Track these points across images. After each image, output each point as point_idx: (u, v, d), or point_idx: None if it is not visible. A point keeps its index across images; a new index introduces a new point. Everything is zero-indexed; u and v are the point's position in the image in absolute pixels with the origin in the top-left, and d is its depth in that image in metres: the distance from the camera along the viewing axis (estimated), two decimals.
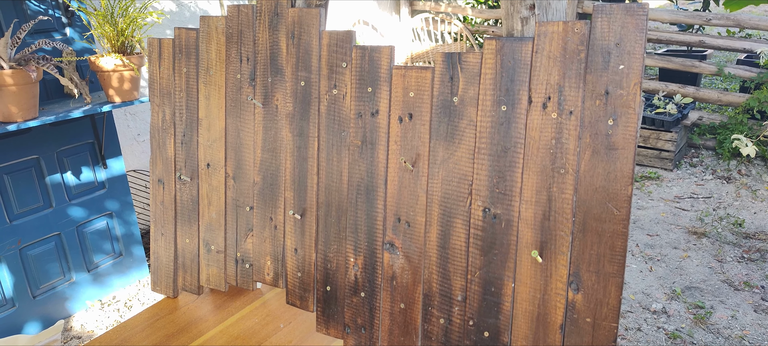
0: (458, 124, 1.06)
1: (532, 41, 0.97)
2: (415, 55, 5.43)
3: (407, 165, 1.12)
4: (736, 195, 3.61)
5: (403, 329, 1.19)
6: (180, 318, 1.57)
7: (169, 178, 1.58)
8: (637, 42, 0.89)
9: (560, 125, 0.96)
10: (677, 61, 4.39)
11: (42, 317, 2.46)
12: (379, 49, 1.14)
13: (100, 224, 2.67)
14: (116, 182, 2.71)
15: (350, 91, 1.20)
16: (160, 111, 1.57)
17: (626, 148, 0.91)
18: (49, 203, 2.46)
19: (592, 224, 0.95)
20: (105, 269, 2.73)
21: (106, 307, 2.67)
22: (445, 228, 1.10)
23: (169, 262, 1.62)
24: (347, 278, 1.26)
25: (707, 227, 3.24)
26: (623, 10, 0.89)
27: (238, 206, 1.44)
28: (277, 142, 1.34)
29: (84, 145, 2.56)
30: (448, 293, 1.12)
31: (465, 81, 1.04)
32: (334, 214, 1.26)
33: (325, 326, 1.32)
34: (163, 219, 1.61)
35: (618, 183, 0.92)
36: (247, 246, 1.44)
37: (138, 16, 2.23)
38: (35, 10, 2.33)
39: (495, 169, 1.02)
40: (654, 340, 2.30)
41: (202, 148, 1.49)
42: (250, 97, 1.36)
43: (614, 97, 0.91)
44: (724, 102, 4.21)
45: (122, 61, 2.21)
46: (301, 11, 1.25)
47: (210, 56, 1.43)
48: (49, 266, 2.48)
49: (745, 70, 4.10)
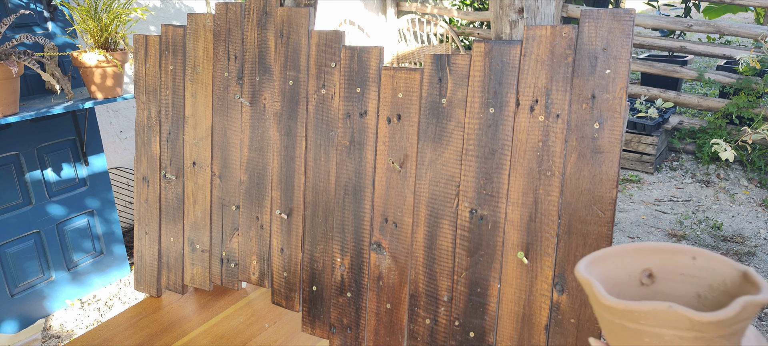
0: (446, 126, 1.06)
1: (521, 44, 0.97)
2: (402, 55, 5.45)
3: (395, 166, 1.13)
4: (715, 199, 3.68)
5: (389, 329, 1.19)
6: (163, 317, 1.55)
7: (154, 176, 1.56)
8: (624, 47, 0.90)
9: (547, 128, 0.97)
10: (659, 66, 4.46)
11: (20, 316, 2.41)
12: (368, 49, 1.14)
13: (80, 222, 2.63)
14: (98, 179, 2.67)
15: (339, 91, 1.19)
16: (146, 108, 1.55)
17: (612, 152, 0.92)
18: (28, 200, 2.41)
19: (577, 226, 0.96)
20: (85, 267, 2.69)
21: (86, 306, 2.63)
22: (432, 229, 1.10)
23: (153, 261, 1.60)
24: (334, 278, 1.26)
25: (686, 229, 3.30)
26: (610, 15, 0.90)
27: (224, 205, 1.43)
28: (264, 141, 1.33)
29: (65, 142, 2.52)
30: (434, 294, 1.12)
31: (454, 83, 1.05)
32: (321, 214, 1.26)
33: (310, 326, 1.32)
34: (147, 217, 1.60)
35: (603, 186, 0.93)
36: (233, 245, 1.43)
37: (122, 12, 2.20)
38: (16, 3, 2.29)
39: (482, 171, 1.03)
40: None
41: (188, 147, 1.48)
42: (237, 95, 1.35)
43: (600, 101, 0.93)
44: (704, 107, 4.29)
45: (105, 57, 2.18)
46: (291, 10, 1.24)
47: (197, 54, 1.42)
48: (28, 264, 2.43)
49: (725, 76, 4.18)
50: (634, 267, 0.64)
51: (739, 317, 0.49)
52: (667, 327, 0.50)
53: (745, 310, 0.49)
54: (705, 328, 0.48)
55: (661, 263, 0.64)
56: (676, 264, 0.63)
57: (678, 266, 0.63)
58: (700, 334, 0.49)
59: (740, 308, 0.49)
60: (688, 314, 0.48)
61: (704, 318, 0.48)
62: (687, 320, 0.48)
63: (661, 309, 0.50)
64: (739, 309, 0.48)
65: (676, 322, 0.49)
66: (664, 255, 0.63)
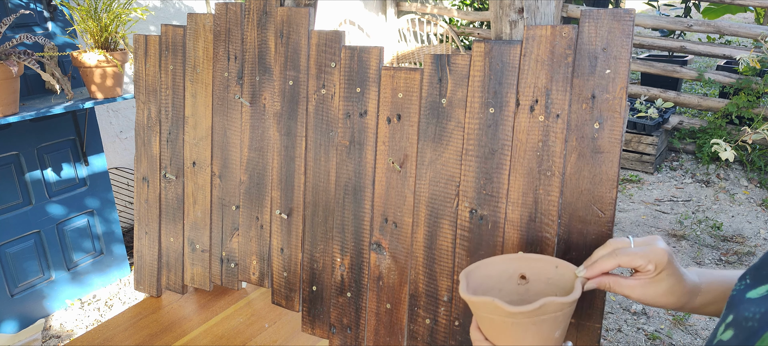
0: (446, 126, 1.06)
1: (521, 44, 0.98)
2: (401, 55, 5.45)
3: (395, 166, 1.13)
4: (715, 199, 3.68)
5: (389, 329, 1.19)
6: (163, 317, 1.55)
7: (154, 176, 1.56)
8: (624, 47, 0.90)
9: (547, 128, 0.97)
10: (659, 66, 4.46)
11: (20, 316, 2.41)
12: (368, 49, 1.15)
13: (80, 222, 2.63)
14: (98, 179, 2.67)
15: (339, 91, 1.20)
16: (146, 108, 1.55)
17: (612, 152, 0.92)
18: (28, 200, 2.41)
19: (577, 226, 0.96)
20: (85, 267, 2.69)
21: (86, 306, 2.63)
22: (432, 229, 1.10)
23: (152, 261, 1.60)
24: (333, 278, 1.26)
25: (686, 229, 3.30)
26: (610, 15, 0.90)
27: (224, 205, 1.43)
28: (264, 141, 1.33)
29: (65, 142, 2.52)
30: (434, 294, 1.12)
31: (454, 83, 1.05)
32: (321, 214, 1.26)
33: (310, 326, 1.32)
34: (147, 217, 1.60)
35: (603, 186, 0.93)
36: (233, 245, 1.43)
37: (122, 12, 2.21)
38: (16, 3, 2.29)
39: (482, 171, 1.03)
40: (634, 341, 2.34)
41: (188, 147, 1.48)
42: (237, 95, 1.35)
43: (600, 101, 0.93)
44: (704, 107, 4.29)
45: (105, 57, 2.18)
46: (291, 10, 1.24)
47: (197, 54, 1.42)
48: (28, 264, 2.43)
49: (725, 76, 4.18)
50: (514, 271, 0.84)
51: (541, 311, 0.68)
52: (495, 314, 0.71)
53: (545, 306, 0.68)
54: (516, 316, 0.69)
55: (533, 269, 0.83)
56: (543, 271, 0.82)
57: (544, 273, 0.82)
58: (515, 320, 0.69)
59: (540, 304, 0.67)
60: (503, 306, 0.68)
61: (513, 310, 0.68)
62: (503, 311, 0.69)
63: (486, 301, 0.70)
64: (538, 305, 0.67)
65: (497, 311, 0.69)
66: (536, 263, 0.83)
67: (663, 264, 0.74)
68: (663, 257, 0.74)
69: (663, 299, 0.75)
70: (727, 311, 0.51)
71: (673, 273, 0.75)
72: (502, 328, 0.72)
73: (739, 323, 0.46)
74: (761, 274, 0.50)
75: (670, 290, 0.75)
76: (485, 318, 0.74)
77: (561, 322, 0.73)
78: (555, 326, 0.72)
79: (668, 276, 0.74)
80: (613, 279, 0.78)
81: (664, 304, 0.76)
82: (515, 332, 0.71)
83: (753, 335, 0.43)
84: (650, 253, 0.74)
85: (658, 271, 0.74)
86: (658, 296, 0.75)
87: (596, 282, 0.78)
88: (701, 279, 0.78)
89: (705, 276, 0.79)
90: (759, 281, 0.49)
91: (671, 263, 0.74)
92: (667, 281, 0.74)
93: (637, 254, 0.74)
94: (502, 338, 0.73)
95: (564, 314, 0.73)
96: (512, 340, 0.72)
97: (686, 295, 0.76)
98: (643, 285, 0.75)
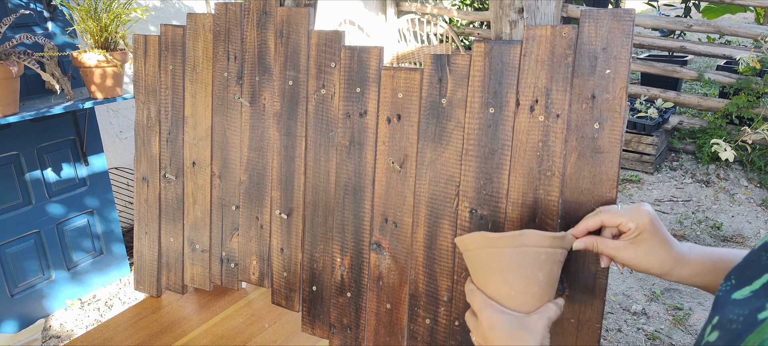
0: (446, 126, 1.06)
1: (521, 44, 0.97)
2: (401, 55, 5.45)
3: (395, 166, 1.13)
4: (715, 199, 3.68)
5: (389, 329, 1.19)
6: (163, 317, 1.55)
7: (153, 176, 1.56)
8: (624, 47, 0.90)
9: (547, 128, 0.97)
10: (659, 66, 4.46)
11: (20, 316, 2.42)
12: (368, 49, 1.14)
13: (80, 222, 2.63)
14: (98, 179, 2.67)
15: (339, 91, 1.19)
16: (145, 108, 1.55)
17: (612, 152, 0.92)
18: (28, 200, 2.41)
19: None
20: (85, 267, 2.69)
21: (86, 306, 2.63)
22: (432, 229, 1.10)
23: (152, 261, 1.60)
24: (333, 278, 1.26)
25: (686, 229, 3.30)
26: (610, 15, 0.90)
27: (224, 205, 1.43)
28: (263, 141, 1.33)
29: (65, 142, 2.52)
30: (434, 294, 1.12)
31: (454, 83, 1.05)
32: (320, 214, 1.26)
33: (310, 326, 1.32)
34: (147, 217, 1.60)
35: (603, 186, 0.93)
36: (233, 245, 1.43)
37: (122, 12, 2.20)
38: (16, 3, 2.29)
39: (482, 171, 1.03)
40: (634, 341, 2.34)
41: (188, 147, 1.48)
42: (237, 95, 1.35)
43: (600, 101, 0.93)
44: (703, 107, 4.29)
45: (105, 57, 2.18)
46: (291, 10, 1.24)
47: (197, 54, 1.42)
48: (28, 264, 2.43)
49: (725, 76, 4.18)
50: None
51: (522, 240, 0.75)
52: (481, 247, 0.77)
53: (526, 235, 0.75)
54: (499, 241, 0.75)
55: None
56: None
57: None
58: (499, 249, 0.75)
59: (521, 232, 0.75)
60: (489, 234, 0.76)
61: (497, 235, 0.76)
62: (488, 238, 0.76)
63: (474, 234, 0.79)
64: (520, 232, 0.75)
65: (483, 242, 0.77)
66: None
67: (644, 224, 0.77)
68: (645, 218, 0.77)
69: (646, 260, 0.78)
70: (712, 312, 0.51)
71: (656, 234, 0.78)
72: (488, 263, 0.76)
73: (723, 325, 0.46)
74: (745, 275, 0.50)
75: (651, 251, 0.78)
76: (474, 259, 0.78)
77: (545, 264, 0.75)
78: (537, 265, 0.75)
79: (650, 236, 0.77)
80: (600, 239, 0.81)
81: (647, 267, 0.79)
82: (499, 267, 0.75)
83: (737, 336, 0.43)
84: (632, 212, 0.78)
85: (640, 231, 0.77)
86: (640, 257, 0.78)
87: (583, 242, 0.82)
88: (691, 251, 0.80)
89: (695, 249, 0.81)
90: (743, 282, 0.50)
91: (653, 224, 0.77)
92: (649, 241, 0.77)
93: (619, 213, 0.79)
94: (489, 279, 0.76)
95: (547, 253, 0.75)
96: (498, 278, 0.75)
97: (670, 260, 0.78)
98: (625, 246, 0.79)
